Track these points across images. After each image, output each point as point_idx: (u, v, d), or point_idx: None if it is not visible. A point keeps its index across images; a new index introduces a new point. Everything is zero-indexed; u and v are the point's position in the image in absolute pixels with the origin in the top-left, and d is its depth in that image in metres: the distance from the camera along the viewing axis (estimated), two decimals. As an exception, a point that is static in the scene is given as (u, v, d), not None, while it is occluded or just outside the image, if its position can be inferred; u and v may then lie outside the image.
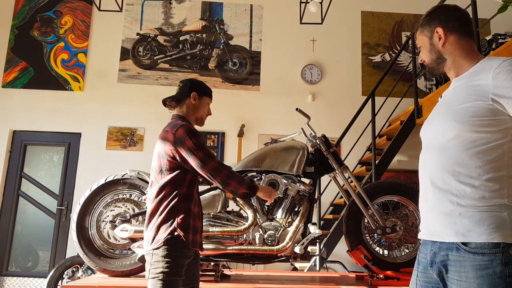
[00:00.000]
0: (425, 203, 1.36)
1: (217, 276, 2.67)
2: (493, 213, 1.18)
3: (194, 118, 2.11)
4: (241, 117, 5.71)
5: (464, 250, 1.19)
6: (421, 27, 1.47)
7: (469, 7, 3.59)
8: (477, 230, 1.18)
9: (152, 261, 1.80)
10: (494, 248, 1.15)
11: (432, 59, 1.44)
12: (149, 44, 5.91)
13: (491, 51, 3.50)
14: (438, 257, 1.26)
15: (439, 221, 1.27)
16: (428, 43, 1.44)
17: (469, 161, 1.23)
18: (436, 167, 1.30)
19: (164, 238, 1.81)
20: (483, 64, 1.31)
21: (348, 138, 4.88)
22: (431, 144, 1.35)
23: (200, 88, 2.13)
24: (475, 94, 1.25)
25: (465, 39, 1.40)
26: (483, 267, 1.15)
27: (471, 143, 1.23)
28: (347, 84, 5.93)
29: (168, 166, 1.89)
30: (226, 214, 2.78)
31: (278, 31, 6.05)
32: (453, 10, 1.43)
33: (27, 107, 5.61)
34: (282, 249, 2.65)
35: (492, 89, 1.21)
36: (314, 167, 2.80)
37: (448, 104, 1.34)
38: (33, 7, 5.90)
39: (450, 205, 1.25)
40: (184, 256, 1.85)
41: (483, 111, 1.22)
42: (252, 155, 2.81)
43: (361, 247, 2.75)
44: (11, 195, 5.43)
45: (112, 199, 2.89)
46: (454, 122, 1.26)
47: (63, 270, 4.63)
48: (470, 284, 1.17)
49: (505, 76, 1.20)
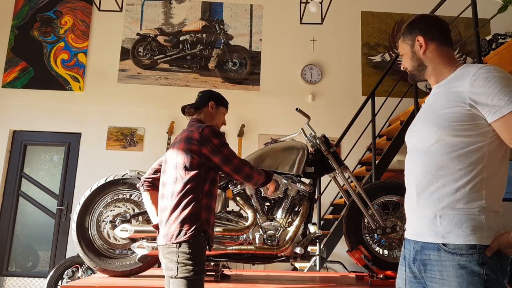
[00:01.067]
0: (409, 204, 1.44)
1: (217, 276, 2.67)
2: (471, 216, 1.26)
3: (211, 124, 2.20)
4: (241, 117, 5.71)
5: (444, 250, 1.27)
6: (403, 36, 1.54)
7: (469, 7, 3.60)
8: (456, 232, 1.26)
9: (179, 259, 1.82)
10: (471, 249, 1.23)
11: (414, 66, 1.51)
12: (149, 44, 5.91)
13: (491, 51, 3.50)
14: (420, 255, 1.34)
15: (422, 222, 1.35)
16: (410, 51, 1.51)
17: (451, 164, 1.30)
18: (420, 170, 1.38)
19: (191, 233, 1.85)
20: (461, 71, 1.38)
21: (348, 138, 4.88)
22: (416, 148, 1.42)
23: (217, 99, 2.27)
24: (454, 100, 1.31)
25: (444, 47, 1.47)
26: (461, 267, 1.23)
27: (452, 147, 1.30)
28: (347, 84, 5.93)
29: (193, 163, 1.96)
30: (226, 214, 2.78)
31: (278, 31, 6.05)
32: (433, 20, 1.50)
33: (27, 107, 5.61)
34: (282, 249, 2.65)
35: (469, 95, 1.28)
36: (314, 167, 2.80)
37: (429, 110, 1.40)
38: (33, 7, 5.90)
39: (432, 207, 1.32)
40: (205, 251, 1.93)
41: (462, 116, 1.28)
42: (252, 155, 2.81)
43: (361, 247, 2.75)
44: (11, 195, 5.43)
45: (112, 199, 2.89)
46: (435, 127, 1.32)
47: (63, 270, 4.63)
48: (451, 282, 1.24)
49: (481, 83, 1.26)
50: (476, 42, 3.43)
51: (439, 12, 4.25)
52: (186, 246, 1.84)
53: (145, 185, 2.29)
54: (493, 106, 1.24)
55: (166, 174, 2.04)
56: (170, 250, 1.86)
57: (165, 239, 1.89)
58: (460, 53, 6.14)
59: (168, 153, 2.12)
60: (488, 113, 1.25)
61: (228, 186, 2.80)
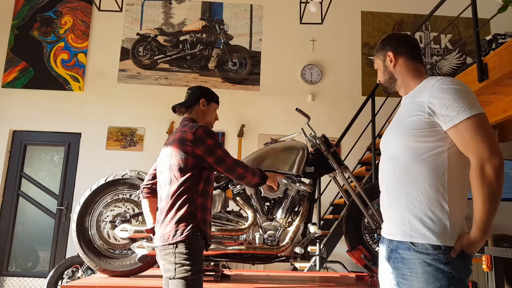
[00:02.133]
0: (383, 206, 1.56)
1: (217, 276, 2.67)
2: (436, 218, 1.36)
3: (203, 122, 2.20)
4: (241, 117, 5.71)
5: (414, 250, 1.37)
6: (377, 52, 1.69)
7: (469, 7, 3.59)
8: (421, 232, 1.37)
9: (177, 260, 1.82)
10: (436, 249, 1.34)
11: (386, 79, 1.66)
12: (149, 44, 5.91)
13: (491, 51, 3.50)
14: (394, 254, 1.46)
15: (393, 222, 1.47)
16: (382, 65, 1.66)
17: (415, 168, 1.41)
18: (390, 175, 1.50)
19: (187, 232, 1.85)
20: (423, 84, 1.50)
21: (348, 138, 4.88)
22: (386, 154, 1.55)
23: (208, 95, 2.23)
24: (415, 110, 1.43)
25: (412, 61, 1.60)
26: (428, 264, 1.34)
27: (415, 152, 1.41)
28: (347, 84, 5.93)
29: (187, 164, 1.95)
30: (226, 214, 2.78)
31: (278, 31, 6.05)
32: (403, 37, 1.65)
33: (27, 107, 5.61)
34: (282, 249, 2.65)
35: (428, 104, 1.39)
36: (314, 167, 2.80)
37: (397, 119, 1.54)
38: (33, 7, 5.90)
39: (400, 208, 1.44)
40: (202, 250, 1.93)
41: (422, 124, 1.40)
42: (252, 155, 2.81)
43: (361, 247, 2.75)
44: (11, 195, 5.44)
45: (112, 199, 2.89)
46: (399, 134, 1.46)
47: (63, 270, 4.63)
48: (419, 278, 1.35)
49: (437, 94, 1.38)
50: (476, 42, 3.43)
51: (439, 12, 4.26)
52: (183, 246, 1.84)
53: (144, 192, 2.26)
54: (447, 116, 1.35)
55: (161, 176, 2.04)
56: (167, 251, 1.86)
57: (162, 240, 1.89)
58: (460, 53, 6.14)
59: (162, 153, 2.11)
60: (443, 122, 1.36)
61: (228, 186, 2.80)
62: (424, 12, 5.90)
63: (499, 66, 3.23)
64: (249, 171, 2.13)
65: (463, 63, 6.06)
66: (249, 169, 2.14)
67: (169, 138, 2.12)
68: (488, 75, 3.34)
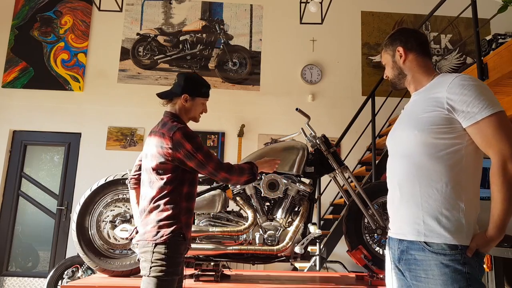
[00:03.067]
0: (392, 205, 1.51)
1: (217, 276, 2.66)
2: (452, 217, 1.33)
3: (186, 119, 2.09)
4: (241, 117, 5.71)
5: (428, 250, 1.33)
6: (385, 47, 1.65)
7: (469, 7, 3.59)
8: (438, 232, 1.33)
9: (153, 259, 1.80)
10: (453, 249, 1.30)
11: (395, 74, 1.61)
12: (149, 44, 5.91)
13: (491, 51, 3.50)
14: (405, 255, 1.41)
15: (404, 221, 1.42)
16: (391, 60, 1.62)
17: (431, 165, 1.37)
18: (402, 172, 1.45)
19: (168, 235, 1.82)
20: (438, 80, 1.47)
21: (348, 138, 4.88)
22: (397, 151, 1.50)
23: (193, 89, 2.03)
24: (432, 105, 1.39)
25: (422, 57, 1.57)
26: (445, 265, 1.30)
27: (432, 149, 1.37)
28: (347, 84, 5.93)
29: (167, 168, 1.90)
30: (226, 214, 2.78)
31: (278, 31, 6.05)
32: (412, 32, 1.61)
33: (27, 107, 5.61)
34: (282, 249, 2.65)
35: (447, 100, 1.36)
36: (314, 167, 2.80)
37: (409, 115, 1.49)
38: (33, 7, 5.90)
39: (414, 207, 1.39)
40: (182, 253, 1.89)
41: (440, 120, 1.36)
42: (252, 155, 2.81)
43: (361, 247, 2.75)
44: (11, 195, 5.43)
45: (112, 199, 2.89)
46: (415, 130, 1.40)
47: (63, 270, 4.63)
48: (436, 280, 1.30)
49: (457, 90, 1.35)
50: (476, 42, 3.42)
51: (439, 12, 4.26)
52: (163, 247, 1.80)
53: (132, 183, 2.19)
54: (468, 112, 1.32)
55: (143, 174, 1.99)
56: (146, 249, 1.83)
57: (142, 238, 1.86)
58: (460, 53, 6.14)
59: (144, 149, 2.05)
60: (463, 118, 1.33)
61: (228, 186, 2.80)
62: (424, 12, 5.90)
63: (499, 66, 3.23)
64: (234, 173, 1.98)
65: (463, 63, 6.06)
66: (234, 170, 1.99)
67: (150, 134, 2.03)
68: (488, 75, 3.34)
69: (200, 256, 2.67)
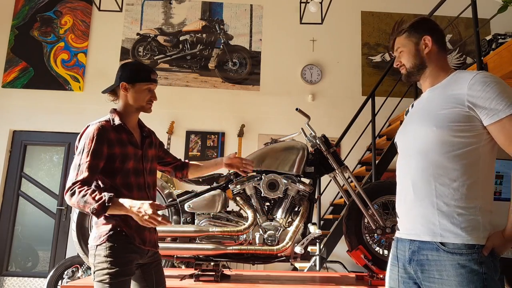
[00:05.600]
0: (404, 204, 1.45)
1: (217, 276, 2.66)
2: (469, 216, 1.29)
3: (134, 109, 1.90)
4: (241, 117, 5.71)
5: (443, 250, 1.29)
6: (408, 32, 1.53)
7: (469, 7, 3.59)
8: (454, 231, 1.29)
9: (95, 263, 1.65)
10: (470, 249, 1.27)
11: (415, 64, 1.51)
12: (149, 44, 5.91)
13: (491, 51, 3.50)
14: (417, 256, 1.36)
15: (418, 221, 1.37)
16: (414, 48, 1.51)
17: (448, 164, 1.33)
18: (416, 170, 1.40)
19: (106, 235, 1.66)
20: (456, 76, 1.43)
21: (348, 138, 4.88)
22: (410, 148, 1.44)
23: (130, 75, 1.85)
24: (451, 102, 1.35)
25: (443, 52, 1.52)
26: (461, 266, 1.26)
27: (450, 147, 1.33)
28: (347, 84, 5.93)
29: None
30: (226, 214, 2.78)
31: (278, 31, 6.05)
32: (437, 25, 1.55)
33: (27, 107, 5.61)
34: (282, 249, 2.65)
35: (468, 97, 1.32)
36: (314, 167, 2.80)
37: (424, 111, 1.44)
38: (33, 7, 5.90)
39: (430, 206, 1.34)
40: (126, 253, 1.68)
41: (459, 117, 1.32)
42: (252, 155, 2.81)
43: (361, 247, 2.75)
44: (11, 195, 5.43)
45: (112, 199, 2.88)
46: (433, 127, 1.35)
47: (63, 270, 4.63)
48: (451, 281, 1.26)
49: (479, 87, 1.31)
50: (476, 42, 3.42)
51: (439, 12, 4.26)
52: (102, 249, 1.64)
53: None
54: (491, 110, 1.29)
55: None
56: (90, 253, 1.69)
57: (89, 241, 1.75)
58: (460, 53, 6.14)
59: None
60: (486, 116, 1.30)
61: (228, 186, 2.80)
62: (424, 12, 5.90)
63: (499, 66, 3.23)
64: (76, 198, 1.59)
65: (463, 63, 6.06)
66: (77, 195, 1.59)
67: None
68: (488, 75, 3.34)
69: (200, 256, 2.67)
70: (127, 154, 1.77)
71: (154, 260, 1.85)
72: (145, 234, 1.76)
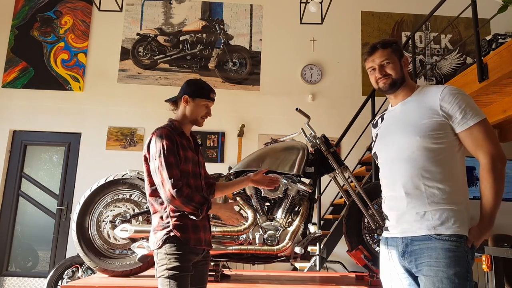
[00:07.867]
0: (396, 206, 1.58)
1: (217, 276, 2.67)
2: (456, 211, 1.47)
3: (189, 121, 2.03)
4: (241, 117, 5.71)
5: (436, 238, 1.46)
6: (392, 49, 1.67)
7: (469, 7, 3.59)
8: (446, 225, 1.46)
9: (158, 259, 1.80)
10: (459, 238, 1.45)
11: (400, 77, 1.66)
12: (149, 44, 5.91)
13: (491, 51, 3.50)
14: (410, 247, 1.51)
15: (411, 220, 1.52)
16: (398, 62, 1.67)
17: (433, 168, 1.51)
18: (406, 176, 1.55)
19: (162, 238, 1.79)
20: (424, 91, 1.62)
21: (348, 138, 4.88)
22: (398, 158, 1.59)
23: (194, 90, 2.00)
24: (429, 113, 1.53)
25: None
26: (450, 250, 1.43)
27: (433, 153, 1.51)
28: (347, 84, 5.93)
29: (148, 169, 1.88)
30: (226, 214, 2.77)
31: (278, 31, 6.05)
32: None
33: (27, 107, 5.61)
34: (282, 249, 2.65)
35: (441, 108, 1.51)
36: (314, 167, 2.80)
37: (405, 122, 1.59)
38: (33, 7, 5.90)
39: (422, 206, 1.50)
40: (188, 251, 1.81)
41: (437, 126, 1.51)
42: (252, 155, 2.81)
43: (361, 247, 2.75)
44: (11, 195, 5.43)
45: (112, 199, 2.89)
46: (417, 136, 1.52)
47: (63, 270, 4.63)
48: (440, 262, 1.43)
49: (450, 99, 1.51)
50: (476, 42, 3.43)
51: (439, 12, 4.26)
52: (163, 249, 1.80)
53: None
54: (461, 119, 1.49)
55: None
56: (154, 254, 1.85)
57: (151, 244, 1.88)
58: (460, 53, 6.14)
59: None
60: (457, 124, 1.50)
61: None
62: (424, 12, 5.90)
63: (499, 66, 3.23)
64: (181, 197, 1.77)
65: (463, 63, 6.06)
66: (182, 194, 1.77)
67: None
68: (488, 75, 3.34)
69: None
70: (188, 157, 1.91)
71: (205, 258, 1.94)
72: (200, 234, 1.87)
